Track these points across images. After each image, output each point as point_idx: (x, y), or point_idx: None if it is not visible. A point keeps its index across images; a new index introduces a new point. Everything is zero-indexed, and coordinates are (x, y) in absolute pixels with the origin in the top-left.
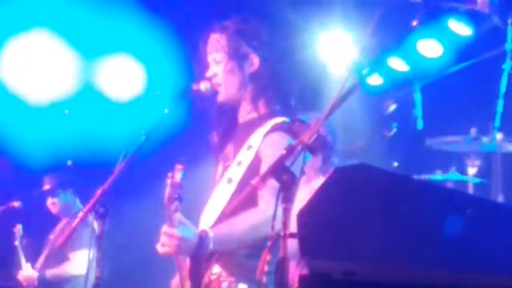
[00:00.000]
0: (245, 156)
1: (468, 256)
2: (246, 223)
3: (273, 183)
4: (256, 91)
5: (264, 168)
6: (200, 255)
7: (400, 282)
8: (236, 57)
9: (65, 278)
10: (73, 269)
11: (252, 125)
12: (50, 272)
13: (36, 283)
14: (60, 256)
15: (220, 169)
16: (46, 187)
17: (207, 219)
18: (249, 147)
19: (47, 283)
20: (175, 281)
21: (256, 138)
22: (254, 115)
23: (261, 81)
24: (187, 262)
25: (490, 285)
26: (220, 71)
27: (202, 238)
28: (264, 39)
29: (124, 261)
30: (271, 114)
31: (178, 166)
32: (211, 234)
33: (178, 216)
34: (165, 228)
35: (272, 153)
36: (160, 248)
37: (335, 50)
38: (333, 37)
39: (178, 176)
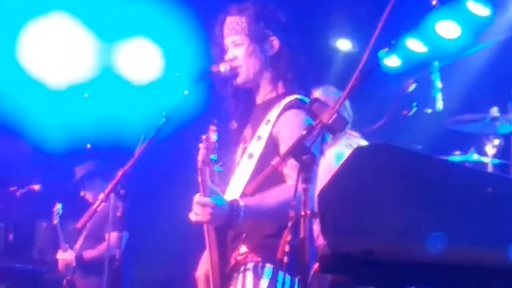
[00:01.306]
0: (264, 131)
1: (488, 234)
2: (275, 198)
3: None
4: (275, 73)
5: (283, 149)
6: (230, 225)
7: (419, 261)
8: (257, 39)
9: (102, 258)
10: (109, 250)
11: (270, 104)
12: (87, 253)
13: (74, 264)
14: (99, 236)
15: (239, 151)
16: (75, 179)
17: (231, 196)
18: (268, 121)
19: (85, 264)
20: (205, 255)
21: (273, 113)
22: (272, 95)
23: (281, 64)
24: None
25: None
26: (240, 54)
27: (233, 207)
28: (283, 22)
29: (147, 243)
30: (287, 93)
31: (212, 127)
32: (241, 203)
33: (209, 184)
34: (197, 197)
35: (289, 133)
36: (193, 217)
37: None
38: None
39: (213, 136)
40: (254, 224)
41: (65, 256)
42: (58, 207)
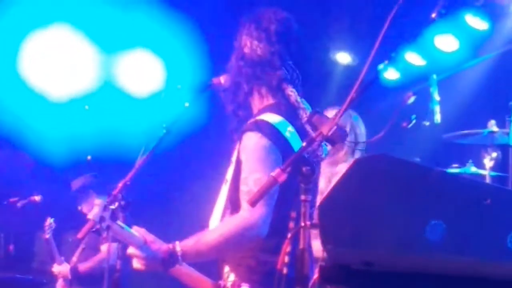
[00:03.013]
0: (234, 155)
1: (487, 245)
2: (218, 236)
3: (255, 189)
4: (248, 84)
5: (243, 175)
6: (168, 270)
7: (418, 272)
8: (238, 48)
9: (97, 270)
10: (104, 262)
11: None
12: (82, 266)
13: (69, 277)
14: (96, 248)
15: None
16: (71, 192)
17: (213, 221)
18: (236, 146)
19: (80, 276)
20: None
21: (239, 138)
22: (254, 111)
23: (251, 74)
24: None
25: (509, 273)
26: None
27: (168, 254)
28: (274, 30)
29: None
30: (260, 111)
31: (96, 201)
32: (178, 248)
33: (140, 233)
34: (129, 250)
35: (245, 158)
36: (134, 265)
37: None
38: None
39: (93, 213)
40: (197, 261)
41: (60, 269)
42: (50, 221)
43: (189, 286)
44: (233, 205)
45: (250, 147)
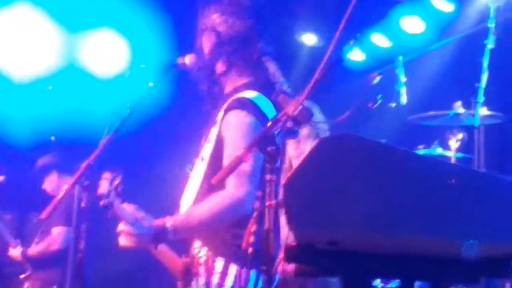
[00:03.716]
0: (213, 133)
1: (450, 224)
2: (207, 211)
3: (240, 166)
4: (227, 62)
5: (226, 151)
6: (157, 246)
7: (383, 252)
8: (210, 27)
9: (47, 254)
10: (54, 245)
11: (225, 100)
12: (31, 249)
13: (21, 260)
14: (48, 231)
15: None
16: (33, 171)
17: (186, 200)
18: (215, 123)
19: (33, 260)
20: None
21: (220, 114)
22: (228, 89)
23: (231, 51)
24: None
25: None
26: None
27: (159, 230)
28: (246, 5)
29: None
30: (241, 88)
31: (105, 176)
32: (168, 224)
33: (131, 210)
34: (120, 226)
35: (230, 135)
36: (121, 242)
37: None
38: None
39: (103, 187)
40: (188, 237)
41: (14, 252)
42: None
43: (163, 263)
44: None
45: (235, 124)
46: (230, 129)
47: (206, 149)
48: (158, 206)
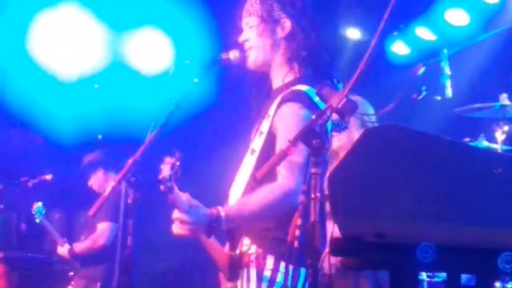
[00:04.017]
0: (265, 126)
1: (499, 215)
2: (260, 201)
3: (292, 158)
4: (287, 55)
5: (278, 143)
6: (211, 234)
7: (431, 243)
8: (268, 20)
9: (93, 250)
10: (100, 240)
11: (276, 94)
12: (77, 246)
13: (68, 257)
14: (94, 227)
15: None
16: (80, 168)
17: (235, 192)
18: (268, 116)
19: (80, 257)
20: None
21: (273, 107)
22: (285, 81)
23: (293, 45)
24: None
25: None
26: (252, 35)
27: (213, 218)
28: (298, 5)
29: (155, 231)
30: (294, 82)
31: (167, 160)
32: (222, 213)
33: (186, 198)
34: (175, 213)
35: (284, 127)
36: (174, 230)
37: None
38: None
39: (165, 171)
40: (239, 227)
41: (62, 251)
42: (37, 205)
43: (209, 253)
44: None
45: (289, 116)
46: (284, 121)
47: (257, 142)
48: (207, 200)
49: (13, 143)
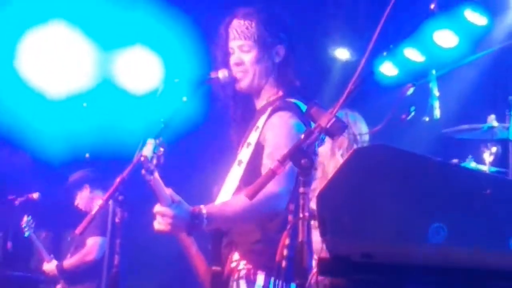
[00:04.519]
0: (253, 137)
1: (487, 235)
2: (242, 202)
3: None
4: (279, 80)
5: (266, 151)
6: (191, 232)
7: (418, 264)
8: (265, 46)
9: (83, 265)
10: (89, 255)
11: (265, 108)
12: (66, 262)
13: (56, 274)
14: (82, 244)
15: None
16: (66, 185)
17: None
18: (257, 127)
19: (68, 273)
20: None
21: (262, 119)
22: (270, 100)
23: (286, 71)
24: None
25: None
26: (247, 60)
27: (195, 215)
28: (289, 29)
29: (143, 249)
30: (283, 97)
31: (150, 141)
32: (204, 211)
33: (169, 193)
34: (157, 207)
35: (273, 134)
36: (155, 226)
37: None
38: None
39: (148, 150)
40: (220, 227)
41: (49, 267)
42: (27, 219)
43: (190, 260)
44: (248, 185)
45: (280, 124)
46: (273, 129)
47: (245, 153)
48: None
49: (0, 161)
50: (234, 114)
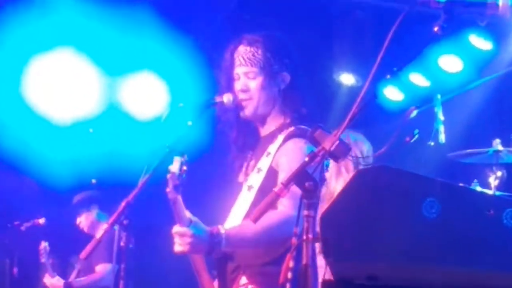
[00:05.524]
0: (264, 163)
1: (492, 257)
2: (259, 224)
3: (293, 188)
4: (284, 107)
5: (281, 176)
6: (211, 253)
7: (423, 286)
8: (271, 73)
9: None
10: (100, 282)
11: (273, 136)
12: (77, 282)
13: None
14: (89, 270)
15: (241, 178)
16: (72, 204)
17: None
18: (268, 153)
19: None
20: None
21: (274, 145)
22: (277, 126)
23: (291, 98)
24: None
25: None
26: (253, 86)
27: (214, 235)
28: (294, 56)
29: (149, 274)
30: (291, 124)
31: (177, 158)
32: (222, 231)
33: (187, 214)
34: (176, 227)
35: (287, 160)
36: (175, 248)
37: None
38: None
39: (175, 167)
40: (237, 250)
41: (52, 282)
42: (44, 244)
43: (200, 285)
44: None
45: (295, 150)
46: (288, 154)
47: (255, 178)
48: None
49: (6, 187)
50: (236, 139)
